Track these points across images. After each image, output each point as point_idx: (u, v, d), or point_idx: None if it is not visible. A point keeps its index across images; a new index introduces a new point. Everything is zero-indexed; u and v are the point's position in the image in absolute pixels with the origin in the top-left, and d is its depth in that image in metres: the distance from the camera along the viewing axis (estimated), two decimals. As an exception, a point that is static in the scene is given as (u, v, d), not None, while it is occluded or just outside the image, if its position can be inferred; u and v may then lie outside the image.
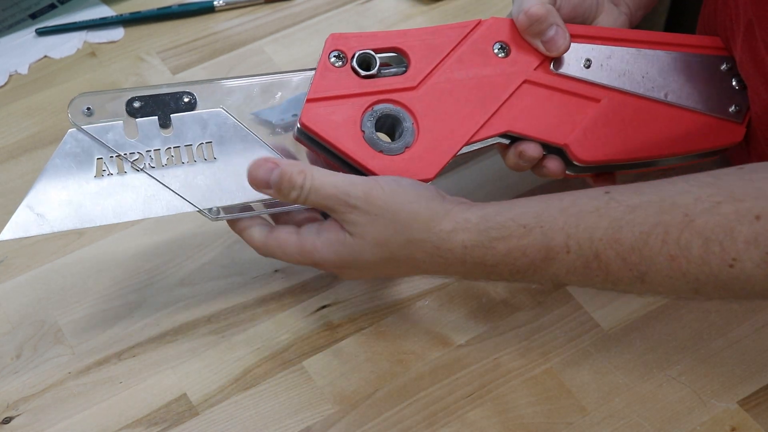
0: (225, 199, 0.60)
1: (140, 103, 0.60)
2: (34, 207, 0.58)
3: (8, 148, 0.78)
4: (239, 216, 0.61)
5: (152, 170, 0.59)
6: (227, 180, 0.60)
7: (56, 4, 0.89)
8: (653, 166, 0.67)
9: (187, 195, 0.60)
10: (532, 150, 0.63)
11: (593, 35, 0.65)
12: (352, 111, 0.61)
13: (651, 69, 0.65)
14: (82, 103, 0.59)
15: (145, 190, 0.59)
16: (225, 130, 0.61)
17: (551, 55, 0.63)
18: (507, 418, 0.62)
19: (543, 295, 0.68)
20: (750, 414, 0.62)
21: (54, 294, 0.68)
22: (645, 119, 0.65)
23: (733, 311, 0.67)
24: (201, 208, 0.60)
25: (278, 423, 0.62)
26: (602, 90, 0.64)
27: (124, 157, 0.59)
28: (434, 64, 0.62)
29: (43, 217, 0.58)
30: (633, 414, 0.62)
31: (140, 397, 0.63)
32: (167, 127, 0.60)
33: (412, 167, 0.61)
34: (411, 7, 0.89)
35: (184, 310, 0.67)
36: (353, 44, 0.62)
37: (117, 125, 0.59)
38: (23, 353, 0.65)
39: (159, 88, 0.60)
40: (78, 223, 0.58)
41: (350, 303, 0.68)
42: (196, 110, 0.61)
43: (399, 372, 0.64)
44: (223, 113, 0.61)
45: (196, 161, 0.60)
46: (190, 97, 0.61)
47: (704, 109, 0.66)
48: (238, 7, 0.89)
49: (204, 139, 0.60)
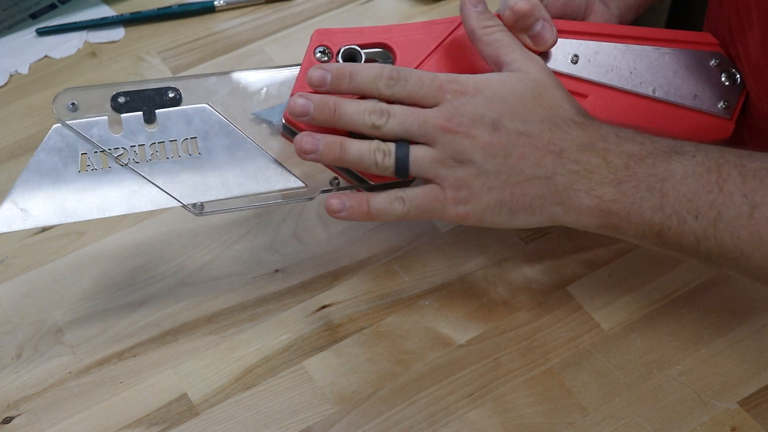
0: (209, 194, 0.60)
1: (125, 98, 0.60)
2: (18, 202, 0.58)
3: (9, 147, 0.78)
4: (226, 209, 0.61)
5: (136, 165, 0.59)
6: (211, 175, 0.60)
7: (56, 4, 0.89)
8: None
9: (171, 190, 0.60)
10: None
11: (581, 30, 0.65)
12: None
13: (639, 65, 0.65)
14: (67, 98, 0.59)
15: (130, 185, 0.59)
16: (210, 125, 0.61)
17: (538, 50, 0.63)
18: (507, 418, 0.62)
19: (543, 295, 0.68)
20: (750, 414, 0.62)
21: (54, 294, 0.68)
22: (633, 115, 0.65)
23: (733, 311, 0.67)
24: (185, 203, 0.60)
25: (278, 423, 0.62)
26: (589, 85, 0.64)
27: (109, 153, 0.59)
28: (420, 59, 0.62)
29: (27, 212, 0.58)
30: (633, 414, 0.62)
31: (140, 397, 0.63)
32: (152, 122, 0.60)
33: None
34: (411, 7, 0.89)
35: (184, 310, 0.67)
36: (338, 39, 0.62)
37: (101, 120, 0.59)
38: (23, 353, 0.65)
39: (144, 84, 0.60)
40: (62, 217, 0.59)
41: (350, 303, 0.68)
42: (182, 106, 0.61)
43: (399, 372, 0.64)
44: (208, 109, 0.61)
45: (180, 156, 0.60)
46: (175, 93, 0.61)
47: (693, 105, 0.66)
48: (239, 7, 0.89)
49: (189, 135, 0.61)
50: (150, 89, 0.60)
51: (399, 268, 0.70)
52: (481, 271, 0.69)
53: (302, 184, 0.61)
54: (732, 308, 0.67)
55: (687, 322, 0.66)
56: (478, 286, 0.68)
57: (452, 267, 0.70)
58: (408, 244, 0.71)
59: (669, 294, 0.68)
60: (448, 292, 0.68)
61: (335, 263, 0.70)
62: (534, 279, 0.69)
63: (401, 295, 0.68)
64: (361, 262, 0.70)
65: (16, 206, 0.58)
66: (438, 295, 0.68)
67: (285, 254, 0.70)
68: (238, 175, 0.61)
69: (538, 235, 0.71)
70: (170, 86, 0.61)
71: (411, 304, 0.68)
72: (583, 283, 0.69)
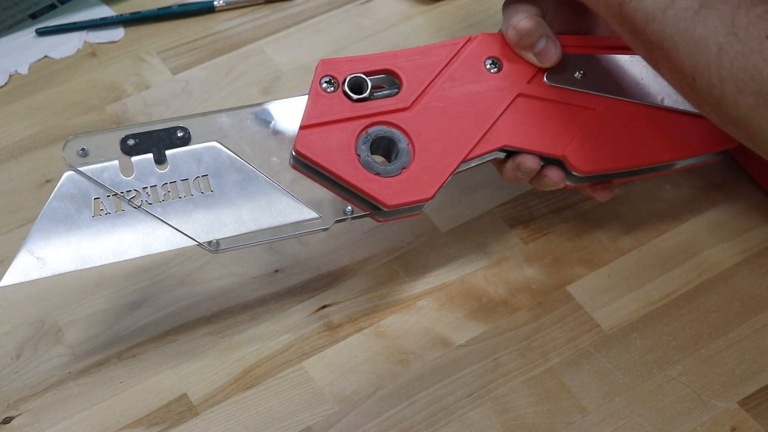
0: (224, 231, 0.60)
1: (134, 140, 0.60)
2: (34, 251, 0.58)
3: (8, 148, 0.78)
4: (242, 245, 0.60)
5: (150, 207, 0.59)
6: (225, 212, 0.60)
7: (56, 4, 0.89)
8: (653, 173, 0.67)
9: (186, 229, 0.59)
10: (530, 162, 0.63)
11: (585, 44, 0.65)
12: (346, 135, 0.61)
13: (646, 74, 0.65)
14: (77, 144, 0.59)
15: (144, 226, 0.59)
16: (220, 162, 0.61)
17: (544, 67, 0.63)
18: (507, 418, 0.62)
19: (543, 294, 0.68)
20: (750, 414, 0.62)
21: (54, 294, 0.68)
22: (642, 125, 0.64)
23: (733, 311, 0.67)
24: (200, 242, 0.60)
25: (278, 423, 0.62)
26: (598, 99, 0.64)
27: (121, 196, 0.59)
28: (426, 83, 0.62)
29: (44, 260, 0.58)
30: (633, 414, 0.62)
31: (140, 397, 0.63)
32: (162, 162, 0.60)
33: (410, 187, 0.60)
34: (411, 7, 0.89)
35: (185, 311, 0.67)
36: (343, 68, 0.62)
37: (113, 164, 0.59)
38: (23, 353, 0.65)
39: (152, 125, 0.60)
40: (79, 264, 0.58)
41: (350, 303, 0.68)
42: (191, 144, 0.61)
43: (399, 372, 0.64)
44: (217, 146, 0.61)
45: (193, 195, 0.60)
46: (183, 132, 0.61)
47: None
48: (238, 7, 0.89)
49: (200, 173, 0.60)
50: (158, 130, 0.60)
51: (399, 268, 0.70)
52: (481, 271, 0.69)
53: (316, 215, 0.61)
54: (732, 308, 0.67)
55: (687, 322, 0.66)
56: (478, 286, 0.68)
57: (452, 267, 0.70)
58: (408, 244, 0.71)
59: (669, 294, 0.68)
60: (448, 292, 0.68)
61: (335, 263, 0.70)
62: (534, 279, 0.69)
63: (401, 295, 0.68)
64: (361, 262, 0.70)
65: (32, 255, 0.58)
66: (438, 295, 0.68)
67: (285, 254, 0.70)
68: (252, 209, 0.60)
69: (538, 235, 0.71)
70: (179, 125, 0.61)
71: (411, 304, 0.68)
72: (583, 283, 0.69)
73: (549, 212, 0.73)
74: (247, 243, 0.61)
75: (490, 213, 0.73)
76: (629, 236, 0.71)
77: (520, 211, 0.73)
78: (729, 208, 0.73)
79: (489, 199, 0.73)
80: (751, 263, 0.69)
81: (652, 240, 0.71)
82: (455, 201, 0.73)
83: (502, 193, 0.74)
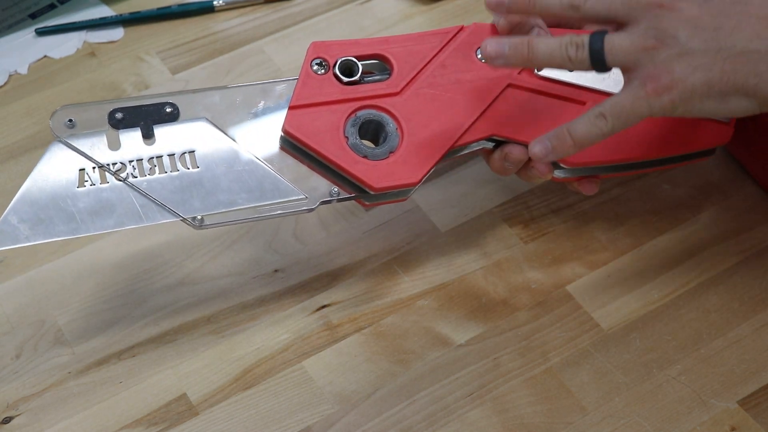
0: (208, 207, 0.60)
1: (122, 114, 0.60)
2: (16, 218, 0.58)
3: (8, 148, 0.78)
4: (226, 222, 0.60)
5: (135, 180, 0.59)
6: (211, 189, 0.60)
7: (56, 4, 0.89)
8: (640, 169, 0.67)
9: (171, 204, 0.59)
10: (517, 152, 0.63)
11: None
12: (335, 117, 0.61)
13: None
14: (65, 115, 0.59)
15: (129, 200, 0.59)
16: (208, 139, 0.61)
17: None
18: (507, 418, 0.62)
19: (542, 294, 0.68)
20: (750, 414, 0.62)
21: (54, 294, 0.68)
22: None
23: (733, 311, 0.67)
24: (185, 217, 0.60)
25: (278, 423, 0.62)
26: (587, 92, 0.64)
27: (107, 168, 0.59)
28: (417, 69, 0.62)
29: (25, 228, 0.58)
30: (633, 414, 0.62)
31: (140, 397, 0.63)
32: (150, 137, 0.60)
33: (397, 171, 0.61)
34: (411, 7, 0.89)
35: (184, 310, 0.67)
36: (335, 51, 0.62)
37: (100, 137, 0.59)
38: (23, 353, 0.65)
39: (141, 100, 0.60)
40: (60, 233, 0.58)
41: (350, 303, 0.68)
42: (179, 120, 0.61)
43: (398, 372, 0.64)
44: (205, 123, 0.61)
45: (179, 171, 0.60)
46: (172, 108, 0.61)
47: None
48: (238, 7, 0.89)
49: (187, 149, 0.60)
50: (147, 105, 0.60)
51: (399, 268, 0.70)
52: (481, 271, 0.69)
53: (302, 195, 0.61)
54: (732, 308, 0.67)
55: (686, 321, 0.66)
56: (478, 286, 0.68)
57: (452, 267, 0.70)
58: (408, 244, 0.71)
59: (668, 294, 0.68)
60: (447, 292, 0.68)
61: (335, 263, 0.70)
62: (533, 279, 0.69)
63: (401, 294, 0.68)
64: (361, 262, 0.70)
65: (15, 222, 0.58)
66: (437, 295, 0.68)
67: (284, 254, 0.70)
68: (238, 187, 0.61)
69: (538, 235, 0.71)
70: (167, 101, 0.61)
71: (410, 304, 0.68)
72: (582, 283, 0.69)
73: (548, 212, 0.73)
74: (232, 221, 0.61)
75: (490, 213, 0.73)
76: (629, 236, 0.71)
77: (519, 211, 0.73)
78: (728, 207, 0.73)
79: (489, 199, 0.73)
80: (751, 263, 0.69)
81: (652, 240, 0.71)
82: (455, 201, 0.73)
83: (501, 193, 0.74)
